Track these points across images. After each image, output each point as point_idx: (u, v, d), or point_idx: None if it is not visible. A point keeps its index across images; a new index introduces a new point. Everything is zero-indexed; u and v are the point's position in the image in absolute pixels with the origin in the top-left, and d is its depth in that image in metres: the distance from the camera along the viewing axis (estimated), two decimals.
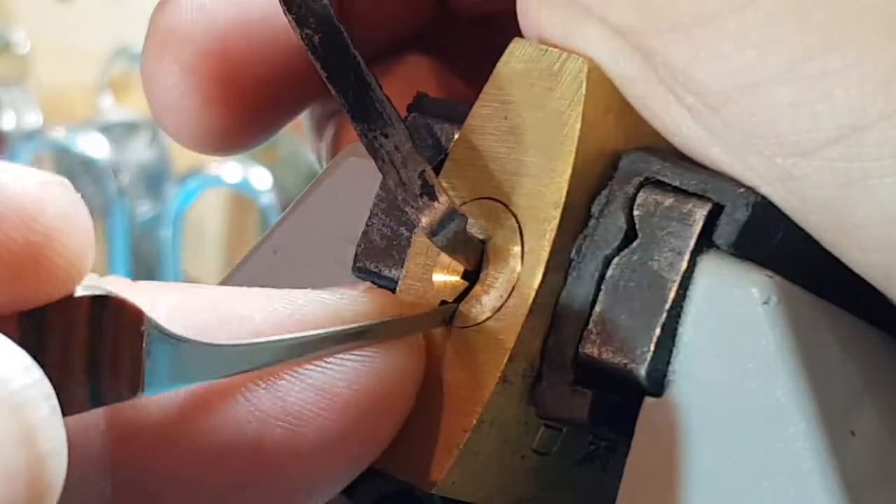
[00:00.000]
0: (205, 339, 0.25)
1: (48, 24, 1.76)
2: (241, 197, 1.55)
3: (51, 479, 0.20)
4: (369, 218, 0.30)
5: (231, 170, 1.47)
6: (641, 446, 0.26)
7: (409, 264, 0.29)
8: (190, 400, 0.26)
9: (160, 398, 0.25)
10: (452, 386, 0.27)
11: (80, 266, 0.23)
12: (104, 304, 0.23)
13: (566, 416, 0.27)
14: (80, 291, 0.23)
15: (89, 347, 0.22)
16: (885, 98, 0.24)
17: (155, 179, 1.66)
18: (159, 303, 0.26)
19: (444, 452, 0.27)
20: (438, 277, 0.28)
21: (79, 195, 0.23)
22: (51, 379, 0.21)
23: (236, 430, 0.26)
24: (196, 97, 0.33)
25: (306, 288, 0.31)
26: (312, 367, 0.26)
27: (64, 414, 0.21)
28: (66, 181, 0.23)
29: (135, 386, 0.23)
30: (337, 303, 0.27)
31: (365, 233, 0.30)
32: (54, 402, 0.21)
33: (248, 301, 0.27)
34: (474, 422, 0.27)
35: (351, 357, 0.26)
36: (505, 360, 0.27)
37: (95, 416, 0.25)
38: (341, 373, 0.26)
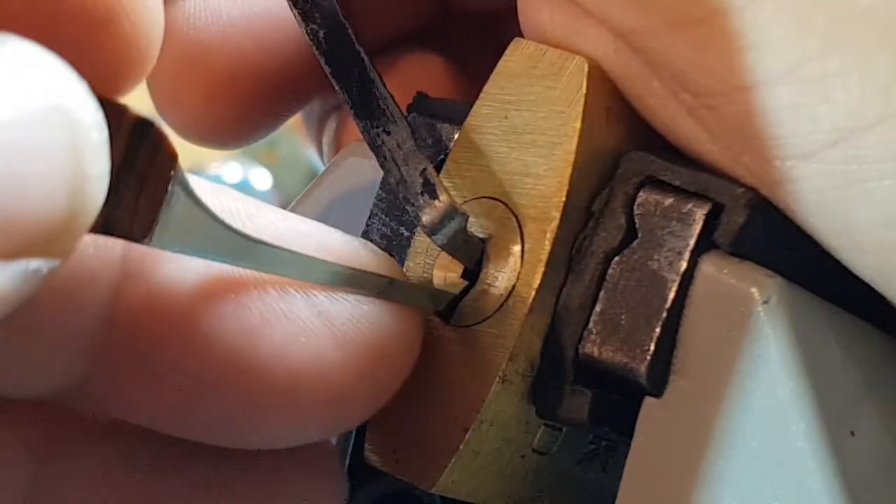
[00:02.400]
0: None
1: None
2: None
3: (88, 201, 0.20)
4: (369, 218, 0.30)
5: (231, 170, 1.47)
6: (641, 446, 0.26)
7: (409, 263, 0.29)
8: (203, 267, 0.25)
9: (179, 261, 0.25)
10: (452, 385, 0.27)
11: (147, 49, 0.22)
12: (147, 131, 0.22)
13: (566, 415, 0.27)
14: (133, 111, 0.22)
15: (120, 165, 0.21)
16: (883, 101, 0.24)
17: None
18: (192, 179, 0.25)
19: (445, 452, 0.27)
20: (439, 276, 0.28)
21: None
22: None
23: (240, 312, 0.25)
24: (199, 90, 0.33)
25: None
26: (322, 293, 0.26)
27: None
28: None
29: (145, 229, 0.22)
30: (360, 247, 0.27)
31: (365, 232, 0.30)
32: (105, 134, 0.20)
33: (275, 213, 0.26)
34: (474, 421, 0.27)
35: (360, 299, 0.26)
36: (505, 360, 0.27)
37: (114, 252, 0.25)
38: (349, 308, 0.26)
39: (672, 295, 0.26)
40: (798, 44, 0.24)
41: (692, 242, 0.26)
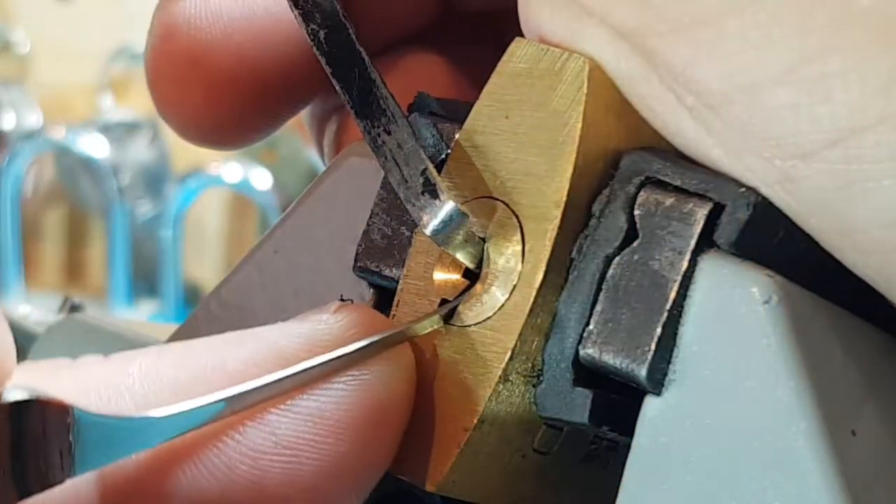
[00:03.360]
0: (178, 398, 0.25)
1: (48, 24, 1.76)
2: (241, 197, 1.55)
3: None
4: (370, 217, 0.30)
5: (231, 170, 1.47)
6: (642, 446, 0.26)
7: (410, 263, 0.29)
8: (174, 451, 0.25)
9: (142, 455, 0.25)
10: (453, 385, 0.27)
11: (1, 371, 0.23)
12: (27, 406, 0.23)
13: (567, 415, 0.27)
14: (6, 395, 0.23)
15: (13, 449, 0.23)
16: (884, 101, 0.24)
17: (155, 179, 1.66)
18: (130, 371, 0.26)
19: (445, 451, 0.27)
20: (439, 276, 0.28)
21: None
22: None
23: (230, 474, 0.25)
24: (200, 91, 0.33)
25: (307, 288, 0.31)
26: (300, 397, 0.26)
27: None
28: None
29: (67, 471, 0.24)
30: (311, 332, 0.27)
31: (366, 232, 0.30)
32: None
33: (219, 350, 0.26)
34: (475, 421, 0.27)
35: (337, 381, 0.26)
36: (506, 360, 0.27)
37: (86, 485, 0.25)
38: (329, 397, 0.26)
39: (673, 295, 0.26)
40: (798, 44, 0.24)
41: (693, 242, 0.26)
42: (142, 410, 0.25)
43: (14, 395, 0.23)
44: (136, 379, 0.25)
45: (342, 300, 0.29)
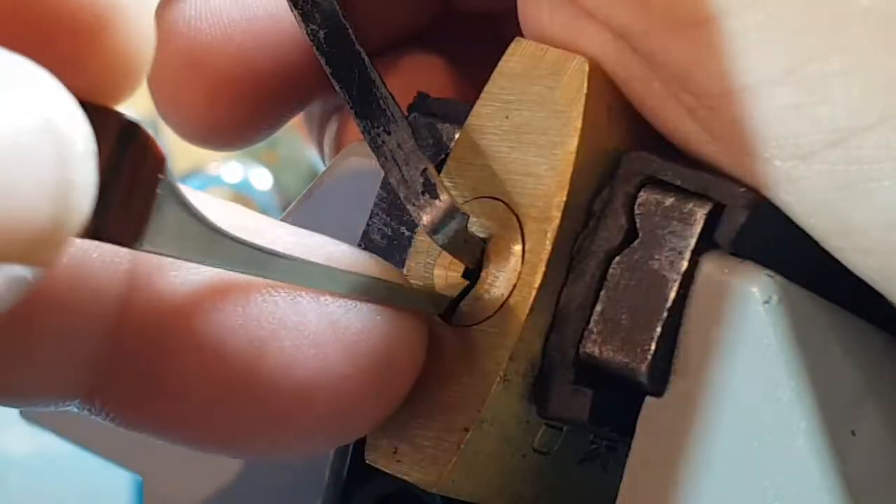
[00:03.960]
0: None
1: None
2: (241, 197, 1.55)
3: (73, 210, 0.20)
4: (370, 217, 0.30)
5: (231, 170, 1.47)
6: (642, 446, 0.26)
7: (410, 263, 0.29)
8: (211, 279, 0.25)
9: (187, 271, 0.25)
10: (453, 385, 0.27)
11: (137, 61, 0.22)
12: (134, 134, 0.22)
13: (567, 415, 0.27)
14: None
15: (108, 169, 0.21)
16: (884, 101, 0.24)
17: None
18: (198, 196, 0.25)
19: (445, 451, 0.27)
20: (439, 276, 0.28)
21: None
22: None
23: (247, 323, 0.25)
24: (199, 91, 0.33)
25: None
26: (333, 300, 0.26)
27: None
28: None
29: (135, 234, 0.22)
30: (365, 257, 0.27)
31: (366, 232, 0.30)
32: (92, 145, 0.20)
33: (282, 228, 0.26)
34: (475, 421, 0.27)
35: (371, 307, 0.26)
36: (506, 360, 0.27)
37: (120, 264, 0.25)
38: (360, 316, 0.26)
39: (673, 295, 0.26)
40: (798, 44, 0.24)
41: (693, 242, 0.26)
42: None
43: (126, 115, 0.22)
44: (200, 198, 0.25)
45: None
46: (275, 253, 0.25)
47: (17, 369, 0.24)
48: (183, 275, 0.25)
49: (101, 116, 0.21)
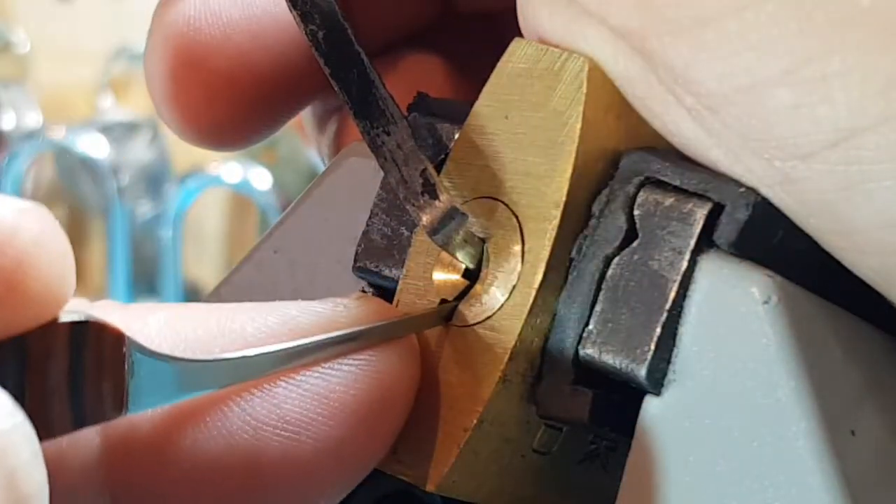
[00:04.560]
0: (194, 355, 0.25)
1: (48, 24, 1.76)
2: (241, 197, 1.55)
3: None
4: (370, 217, 0.30)
5: (231, 170, 1.47)
6: (642, 446, 0.26)
7: (409, 263, 0.29)
8: (180, 412, 0.25)
9: (150, 412, 0.25)
10: (453, 385, 0.27)
11: (59, 291, 0.23)
12: (84, 329, 0.23)
13: (566, 415, 0.27)
14: (62, 317, 0.23)
15: (71, 372, 0.23)
16: (885, 101, 0.24)
17: (155, 179, 1.66)
18: (150, 321, 0.26)
19: (445, 452, 0.27)
20: (439, 276, 0.28)
21: (56, 222, 0.23)
22: (33, 403, 0.21)
23: (230, 441, 0.25)
24: (199, 92, 0.33)
25: (307, 288, 0.31)
26: (309, 373, 0.26)
27: (48, 436, 0.22)
28: (43, 208, 0.23)
29: (119, 405, 0.23)
30: (330, 311, 0.27)
31: (365, 232, 0.30)
32: (36, 446, 0.21)
33: (240, 315, 0.27)
34: (475, 421, 0.27)
35: (348, 362, 0.26)
36: (505, 360, 0.27)
37: (89, 433, 0.25)
38: (338, 377, 0.26)
39: (672, 295, 0.26)
40: (798, 44, 0.24)
41: (692, 242, 0.26)
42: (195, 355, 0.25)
43: (71, 316, 0.23)
44: (153, 330, 0.26)
45: (363, 291, 0.30)
46: (253, 355, 0.25)
47: None
48: (150, 413, 0.25)
49: (43, 332, 0.22)
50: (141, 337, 0.24)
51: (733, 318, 0.26)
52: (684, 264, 0.26)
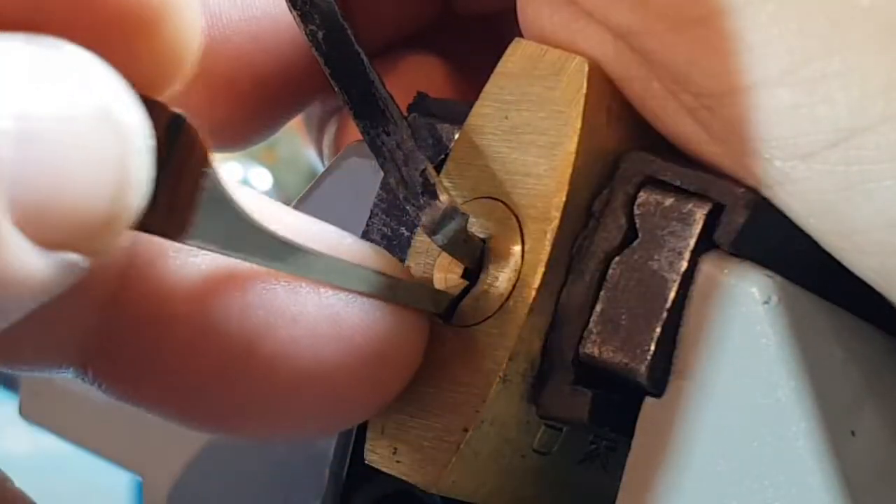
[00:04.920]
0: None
1: None
2: None
3: (128, 205, 0.20)
4: (370, 218, 0.30)
5: (231, 170, 1.47)
6: (642, 446, 0.26)
7: (409, 263, 0.29)
8: (212, 264, 0.25)
9: (188, 255, 0.25)
10: (453, 385, 0.27)
11: (188, 48, 0.22)
12: (181, 125, 0.22)
13: (566, 415, 0.27)
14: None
15: (157, 159, 0.21)
16: (885, 101, 0.24)
17: None
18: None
19: (445, 452, 0.27)
20: (439, 276, 0.28)
21: None
22: None
23: (244, 312, 0.25)
24: (199, 93, 0.33)
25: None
26: (333, 293, 0.26)
27: None
28: None
29: (180, 227, 0.22)
30: (370, 249, 0.27)
31: (365, 232, 0.30)
32: (151, 142, 0.21)
33: (290, 216, 0.26)
34: (475, 421, 0.27)
35: (370, 302, 0.26)
36: (505, 360, 0.27)
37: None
38: (359, 310, 0.26)
39: (672, 295, 0.26)
40: (798, 44, 0.24)
41: (692, 242, 0.26)
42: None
43: (173, 107, 0.22)
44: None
45: None
46: (306, 249, 0.25)
47: (13, 333, 0.24)
48: (184, 258, 0.25)
49: (150, 108, 0.21)
50: None
51: (733, 319, 0.26)
52: (684, 264, 0.26)
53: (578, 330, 0.27)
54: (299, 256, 0.25)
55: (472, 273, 0.28)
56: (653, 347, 0.26)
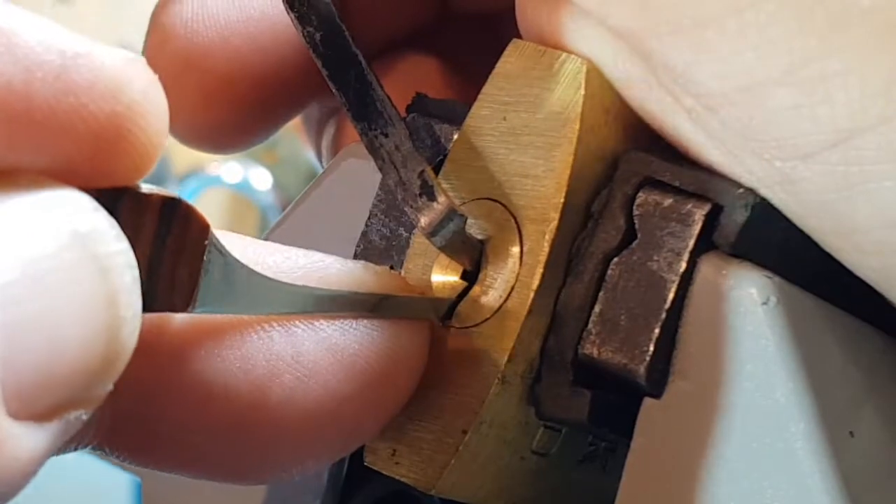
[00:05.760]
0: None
1: None
2: (241, 197, 1.55)
3: (124, 345, 0.20)
4: (368, 218, 0.30)
5: (231, 170, 1.47)
6: (641, 446, 0.26)
7: (408, 265, 0.29)
8: (210, 324, 0.25)
9: (178, 318, 0.25)
10: (452, 386, 0.27)
11: (157, 146, 0.22)
12: (175, 208, 0.22)
13: (566, 416, 0.27)
14: (153, 190, 0.22)
15: (153, 248, 0.22)
16: (885, 101, 0.24)
17: (155, 179, 1.65)
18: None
19: (443, 453, 0.27)
20: (437, 278, 0.28)
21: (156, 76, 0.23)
22: None
23: (246, 364, 0.25)
24: (197, 94, 0.33)
25: None
26: (328, 323, 0.26)
27: None
28: (145, 61, 0.23)
29: (187, 299, 0.23)
30: (360, 271, 0.27)
31: (364, 233, 0.30)
32: (136, 273, 0.21)
33: (274, 255, 0.26)
34: (473, 423, 0.27)
35: (366, 324, 0.26)
36: (504, 361, 0.27)
37: None
38: (355, 336, 0.26)
39: (671, 295, 0.26)
40: (798, 44, 0.24)
41: (691, 243, 0.26)
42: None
43: (164, 192, 0.22)
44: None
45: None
46: (310, 289, 0.25)
47: None
48: (176, 321, 0.25)
49: (139, 199, 0.22)
50: None
51: (733, 319, 0.26)
52: (683, 265, 0.26)
53: (577, 331, 0.27)
54: (302, 297, 0.25)
55: (471, 274, 0.28)
56: (652, 348, 0.26)
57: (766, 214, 0.26)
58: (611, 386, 0.27)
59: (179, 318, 0.25)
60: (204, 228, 0.23)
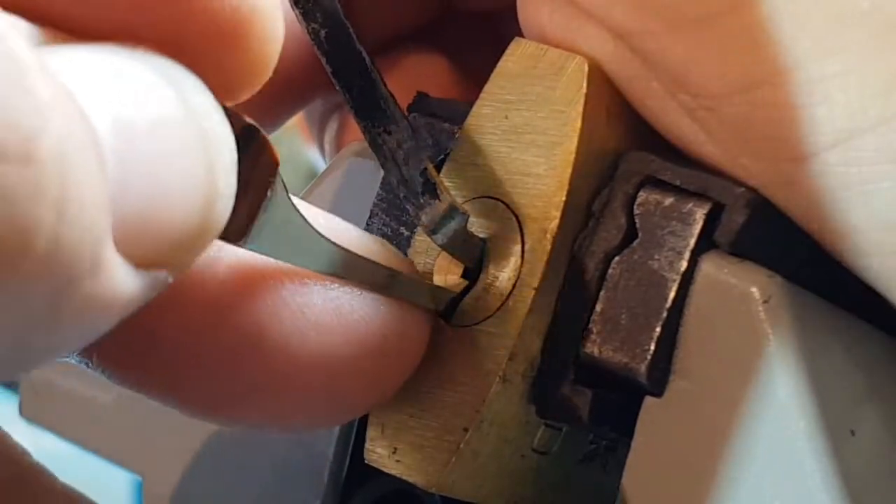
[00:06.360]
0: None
1: None
2: None
3: (217, 219, 0.20)
4: (369, 217, 0.30)
5: None
6: (641, 446, 0.26)
7: None
8: (220, 258, 0.25)
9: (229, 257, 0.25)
10: (452, 385, 0.27)
11: (270, 61, 0.22)
12: (252, 137, 0.22)
13: (566, 415, 0.27)
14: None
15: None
16: (883, 103, 0.24)
17: None
18: None
19: (444, 451, 0.27)
20: (439, 276, 0.28)
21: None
22: None
23: (250, 302, 0.25)
24: None
25: None
26: (339, 286, 0.26)
27: None
28: None
29: (242, 232, 0.22)
30: (376, 242, 0.27)
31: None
32: (234, 156, 0.21)
33: (308, 211, 0.27)
34: (474, 421, 0.27)
35: (375, 297, 0.26)
36: (505, 360, 0.27)
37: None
38: (363, 304, 0.26)
39: (672, 295, 0.26)
40: (797, 45, 0.24)
41: (692, 242, 0.26)
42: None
43: (246, 118, 0.22)
44: None
45: None
46: (351, 253, 0.25)
47: None
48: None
49: (228, 118, 0.21)
50: None
51: (733, 319, 0.26)
52: (684, 264, 0.26)
53: (578, 329, 0.27)
54: (330, 255, 0.25)
55: (472, 273, 0.28)
56: (653, 347, 0.26)
57: (766, 214, 0.26)
58: (612, 385, 0.27)
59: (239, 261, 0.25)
60: (274, 164, 0.22)
